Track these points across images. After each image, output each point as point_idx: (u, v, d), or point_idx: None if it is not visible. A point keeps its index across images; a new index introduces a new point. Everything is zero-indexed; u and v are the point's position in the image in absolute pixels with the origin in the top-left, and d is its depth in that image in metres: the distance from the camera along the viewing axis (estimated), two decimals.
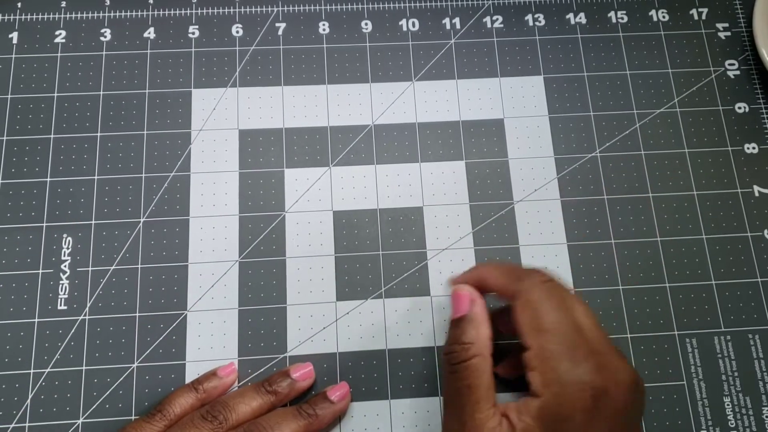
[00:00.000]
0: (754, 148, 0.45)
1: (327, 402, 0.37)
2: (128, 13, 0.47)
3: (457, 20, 0.48)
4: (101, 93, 0.45)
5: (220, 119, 0.45)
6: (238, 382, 0.39)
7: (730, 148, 0.45)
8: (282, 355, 0.40)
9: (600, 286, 0.42)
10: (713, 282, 0.42)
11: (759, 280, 0.42)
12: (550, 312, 0.31)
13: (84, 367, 0.39)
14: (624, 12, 0.48)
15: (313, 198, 0.43)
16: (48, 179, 0.43)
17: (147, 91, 0.45)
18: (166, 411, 0.36)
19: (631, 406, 0.30)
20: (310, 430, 0.36)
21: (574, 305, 0.32)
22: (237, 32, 0.47)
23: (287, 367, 0.39)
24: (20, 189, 0.42)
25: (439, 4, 0.48)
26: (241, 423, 0.36)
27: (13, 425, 0.38)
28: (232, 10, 0.47)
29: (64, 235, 0.42)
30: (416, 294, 0.41)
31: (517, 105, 0.46)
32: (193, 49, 0.46)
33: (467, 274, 0.37)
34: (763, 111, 0.46)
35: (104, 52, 0.46)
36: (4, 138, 0.43)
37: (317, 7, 0.47)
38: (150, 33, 0.46)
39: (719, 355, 0.41)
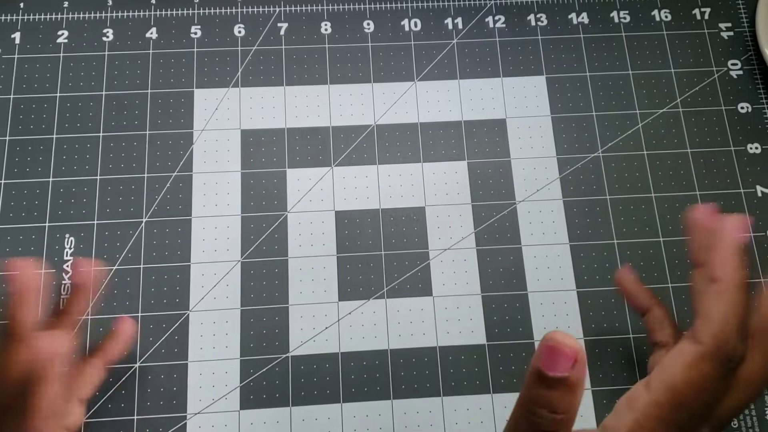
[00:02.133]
0: (756, 148, 0.45)
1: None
2: (130, 14, 0.47)
3: (459, 20, 0.48)
4: (103, 93, 0.45)
5: (223, 119, 0.45)
6: None
7: (732, 148, 0.45)
8: (284, 355, 0.40)
9: (602, 287, 0.42)
10: None
11: (762, 280, 0.42)
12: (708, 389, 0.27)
13: None
14: (626, 12, 0.48)
15: (315, 198, 0.43)
16: (50, 179, 0.43)
17: (149, 91, 0.45)
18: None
19: None
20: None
21: None
22: (239, 32, 0.47)
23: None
24: (23, 189, 0.42)
25: (441, 4, 0.48)
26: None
27: None
28: (234, 10, 0.47)
29: (67, 235, 0.42)
30: (418, 294, 0.41)
31: (520, 105, 0.46)
32: (195, 49, 0.46)
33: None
34: (766, 111, 0.46)
35: (106, 52, 0.46)
36: (7, 138, 0.43)
37: (319, 7, 0.48)
38: (152, 33, 0.46)
39: None
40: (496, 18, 0.48)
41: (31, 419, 0.30)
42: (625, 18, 0.48)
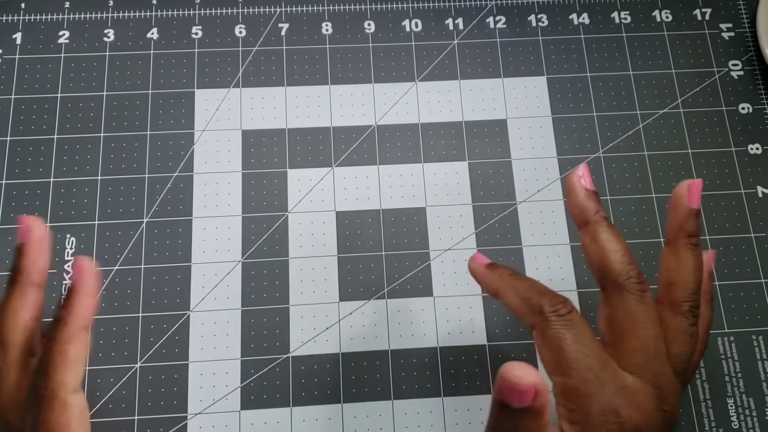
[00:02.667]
0: (757, 148, 0.45)
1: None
2: (131, 14, 0.47)
3: (460, 21, 0.48)
4: (104, 93, 0.45)
5: (223, 120, 0.45)
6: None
7: (733, 149, 0.45)
8: (285, 356, 0.40)
9: None
10: (717, 283, 0.42)
11: (763, 281, 0.42)
12: (571, 348, 0.28)
13: (87, 367, 0.39)
14: (627, 12, 0.48)
15: (316, 198, 0.43)
16: (51, 179, 0.43)
17: (150, 91, 0.45)
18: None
19: None
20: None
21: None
22: (240, 33, 0.47)
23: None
24: (24, 189, 0.42)
25: (442, 4, 0.48)
26: None
27: None
28: (235, 10, 0.47)
29: (68, 236, 0.42)
30: (419, 294, 0.41)
31: (520, 105, 0.46)
32: (196, 50, 0.46)
33: (485, 277, 0.33)
34: (767, 111, 0.46)
35: (107, 53, 0.46)
36: (8, 138, 0.43)
37: (320, 8, 0.48)
38: (153, 33, 0.46)
39: (723, 357, 0.41)
40: (497, 18, 0.48)
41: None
42: (625, 18, 0.48)
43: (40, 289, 0.31)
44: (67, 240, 0.41)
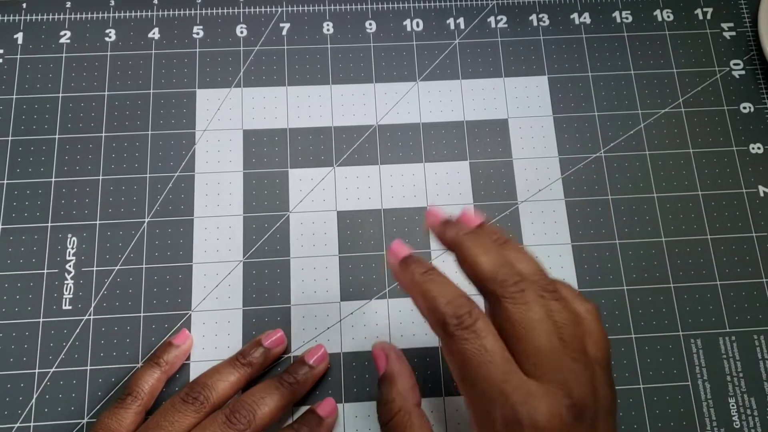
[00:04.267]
0: (759, 148, 0.45)
1: (306, 367, 0.38)
2: (133, 14, 0.47)
3: (461, 20, 0.48)
4: (106, 93, 0.45)
5: (225, 119, 0.45)
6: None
7: (735, 149, 0.45)
8: (286, 356, 0.40)
9: (604, 287, 0.42)
10: (718, 282, 0.42)
11: (764, 280, 0.42)
12: (473, 362, 0.28)
13: (89, 367, 0.39)
14: (628, 12, 0.48)
15: (318, 198, 0.43)
16: (53, 179, 0.43)
17: (151, 91, 0.45)
18: (135, 392, 0.36)
19: None
20: (293, 398, 0.36)
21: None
22: (241, 32, 0.47)
23: (257, 336, 0.39)
24: (25, 189, 0.42)
25: (443, 4, 0.48)
26: (222, 399, 0.36)
27: (18, 425, 0.38)
28: (236, 10, 0.47)
29: (69, 235, 0.42)
30: None
31: (522, 105, 0.46)
32: (197, 50, 0.46)
33: (398, 276, 0.33)
34: None
35: (109, 53, 0.46)
36: (9, 138, 0.43)
37: (321, 7, 0.48)
38: (154, 33, 0.46)
39: (724, 356, 0.41)
40: (498, 18, 0.48)
41: None
42: (627, 18, 0.48)
43: (165, 374, 0.38)
44: (69, 240, 0.41)
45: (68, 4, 0.47)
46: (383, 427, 0.34)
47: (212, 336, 0.40)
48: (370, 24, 0.47)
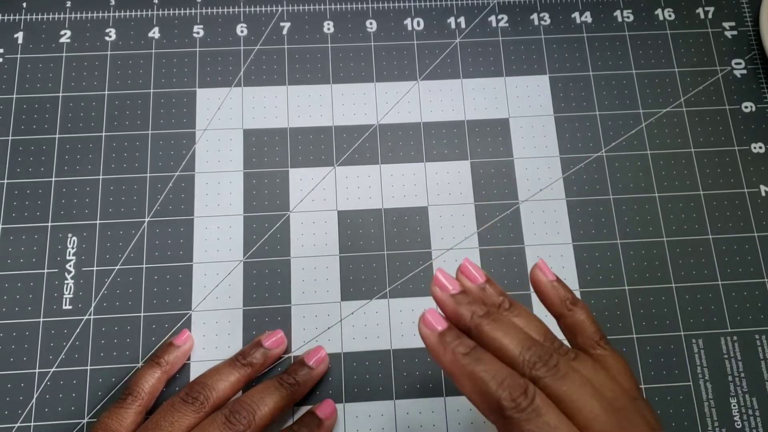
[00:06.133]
0: (760, 147, 0.45)
1: (305, 368, 0.38)
2: (133, 13, 0.47)
3: (462, 19, 0.48)
4: (106, 93, 0.45)
5: (225, 119, 0.45)
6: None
7: (736, 148, 0.45)
8: (287, 356, 0.40)
9: (606, 287, 0.42)
10: (719, 282, 0.42)
11: (765, 280, 0.42)
12: None
13: (89, 367, 0.39)
14: (630, 11, 0.48)
15: (318, 198, 0.43)
16: (53, 179, 0.43)
17: (152, 90, 0.45)
18: (136, 392, 0.36)
19: None
20: (293, 399, 0.37)
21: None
22: (241, 32, 0.47)
23: (258, 336, 0.39)
24: (25, 189, 0.42)
25: (444, 3, 0.48)
26: (222, 399, 0.36)
27: (18, 425, 0.38)
28: (236, 9, 0.47)
29: (69, 235, 0.42)
30: (421, 294, 0.41)
31: (523, 104, 0.46)
32: (197, 49, 0.46)
33: (437, 355, 0.29)
34: None
35: (109, 52, 0.46)
36: (10, 138, 0.43)
37: (322, 7, 0.47)
38: (155, 33, 0.46)
39: (726, 356, 0.40)
40: (499, 17, 0.48)
41: None
42: (628, 17, 0.48)
43: (166, 374, 0.38)
44: (69, 240, 0.41)
45: (68, 4, 0.47)
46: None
47: (212, 336, 0.40)
48: (371, 23, 0.47)
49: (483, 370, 0.27)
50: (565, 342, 0.31)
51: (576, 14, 0.48)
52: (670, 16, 0.48)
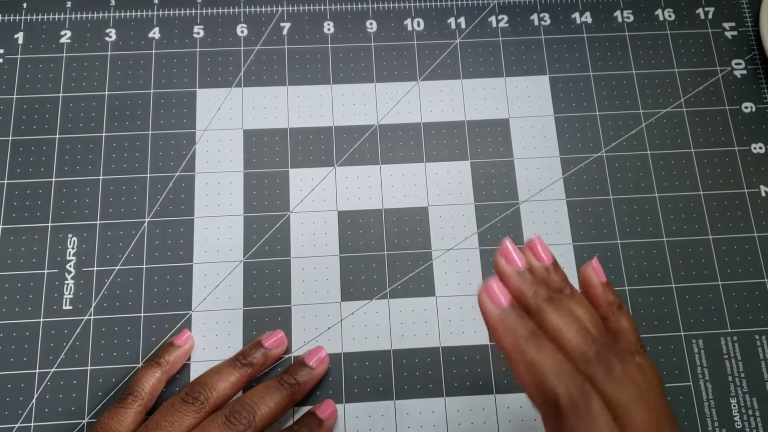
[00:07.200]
0: (760, 148, 0.45)
1: (306, 368, 0.38)
2: (133, 14, 0.47)
3: (462, 20, 0.48)
4: (106, 93, 0.45)
5: (225, 119, 0.45)
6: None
7: (736, 148, 0.45)
8: (287, 356, 0.40)
9: None
10: (720, 282, 0.42)
11: (766, 280, 0.42)
12: None
13: (89, 367, 0.39)
14: (630, 11, 0.48)
15: (318, 198, 0.43)
16: (53, 179, 0.43)
17: (152, 91, 0.45)
18: (136, 392, 0.36)
19: None
20: (293, 399, 0.37)
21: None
22: (242, 32, 0.47)
23: (258, 336, 0.39)
24: (26, 189, 0.42)
25: (444, 3, 0.48)
26: (222, 399, 0.36)
27: (18, 425, 0.38)
28: (236, 10, 0.47)
29: (70, 235, 0.42)
30: (421, 294, 0.41)
31: (523, 105, 0.46)
32: (197, 49, 0.46)
33: (496, 331, 0.28)
34: None
35: (109, 53, 0.46)
36: (10, 138, 0.43)
37: (322, 7, 0.47)
38: (155, 33, 0.46)
39: (726, 356, 0.40)
40: (499, 17, 0.48)
41: None
42: (628, 17, 0.48)
43: (166, 374, 0.38)
44: (69, 240, 0.41)
45: (69, 4, 0.47)
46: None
47: (212, 336, 0.40)
48: (371, 23, 0.47)
49: (543, 360, 0.26)
50: None
51: (576, 14, 0.48)
52: (670, 16, 0.48)
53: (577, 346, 0.27)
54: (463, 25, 0.47)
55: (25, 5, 0.47)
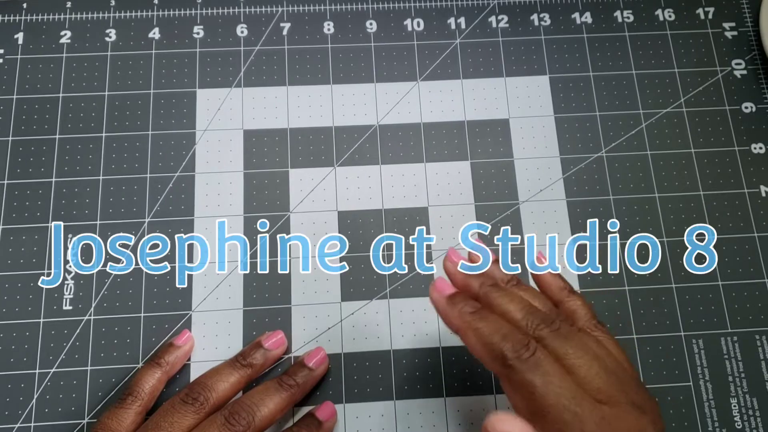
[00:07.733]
0: (761, 148, 0.45)
1: (305, 369, 0.38)
2: (133, 14, 0.47)
3: (462, 20, 0.48)
4: (106, 93, 0.45)
5: (225, 119, 0.45)
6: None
7: (736, 148, 0.45)
8: (287, 356, 0.40)
9: (606, 287, 0.42)
10: (720, 282, 0.42)
11: (766, 280, 0.42)
12: (542, 392, 0.27)
13: (89, 367, 0.39)
14: (630, 11, 0.48)
15: (318, 198, 0.43)
16: (53, 179, 0.43)
17: (152, 91, 0.45)
18: (136, 392, 0.36)
19: None
20: (293, 400, 0.36)
21: (577, 363, 0.28)
22: (242, 32, 0.47)
23: (258, 337, 0.39)
24: (26, 189, 0.42)
25: (444, 3, 0.48)
26: (222, 400, 0.36)
27: (18, 425, 0.38)
28: (236, 10, 0.47)
29: (69, 235, 0.42)
30: (421, 294, 0.41)
31: (523, 105, 0.46)
32: (197, 50, 0.46)
33: (445, 313, 0.31)
34: None
35: (109, 53, 0.46)
36: (10, 138, 0.43)
37: (322, 7, 0.47)
38: (155, 33, 0.46)
39: (726, 356, 0.40)
40: (499, 18, 0.48)
41: None
42: (628, 18, 0.48)
43: (166, 375, 0.38)
44: (69, 240, 0.41)
45: (68, 4, 0.47)
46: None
47: (212, 336, 0.40)
48: (371, 24, 0.47)
49: (487, 326, 0.29)
50: None
51: (576, 15, 0.48)
52: (670, 16, 0.48)
53: (524, 318, 0.29)
54: (463, 25, 0.47)
55: (25, 5, 0.47)
